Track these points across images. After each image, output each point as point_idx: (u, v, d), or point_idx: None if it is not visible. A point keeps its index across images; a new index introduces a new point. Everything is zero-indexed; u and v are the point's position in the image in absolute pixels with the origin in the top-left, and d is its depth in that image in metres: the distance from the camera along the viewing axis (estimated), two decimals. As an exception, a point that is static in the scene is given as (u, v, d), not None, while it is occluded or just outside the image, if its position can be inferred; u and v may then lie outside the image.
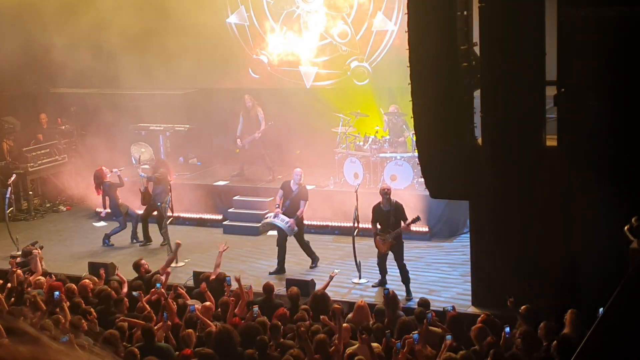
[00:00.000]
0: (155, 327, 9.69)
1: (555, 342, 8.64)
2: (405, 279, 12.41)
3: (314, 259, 13.76)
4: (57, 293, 10.57)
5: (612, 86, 9.50)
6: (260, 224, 14.40)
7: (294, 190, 13.75)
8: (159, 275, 11.74)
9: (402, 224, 12.40)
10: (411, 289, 12.37)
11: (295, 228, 13.52)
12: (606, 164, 9.87)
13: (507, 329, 9.17)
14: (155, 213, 15.46)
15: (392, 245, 12.48)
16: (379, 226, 12.62)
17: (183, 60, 18.07)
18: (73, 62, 17.94)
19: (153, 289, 11.13)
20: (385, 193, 12.55)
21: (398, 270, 12.46)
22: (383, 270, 12.80)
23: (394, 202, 12.57)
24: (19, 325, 1.92)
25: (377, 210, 12.66)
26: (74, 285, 11.56)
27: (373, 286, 12.87)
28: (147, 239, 15.59)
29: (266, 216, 14.11)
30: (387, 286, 12.53)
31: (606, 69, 9.48)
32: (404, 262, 12.50)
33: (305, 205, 13.68)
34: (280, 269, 13.63)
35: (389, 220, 12.47)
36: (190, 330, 9.73)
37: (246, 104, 16.79)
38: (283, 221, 13.51)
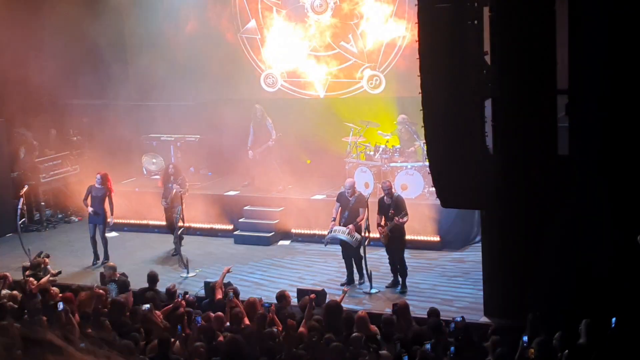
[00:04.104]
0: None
1: (567, 351, 8.60)
2: (402, 273, 13.00)
3: (361, 276, 13.32)
4: (61, 304, 10.54)
5: (623, 95, 9.49)
6: (325, 240, 13.88)
7: (351, 200, 13.43)
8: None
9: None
10: (420, 296, 12.60)
11: (356, 234, 13.15)
12: (618, 172, 9.85)
13: (525, 338, 9.11)
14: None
15: (391, 238, 12.92)
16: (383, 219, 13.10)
17: (194, 71, 18.14)
18: (84, 74, 18.06)
19: (177, 300, 11.14)
20: (384, 189, 13.18)
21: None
22: (394, 270, 13.15)
23: (395, 197, 13.12)
24: (47, 336, 1.95)
25: (380, 202, 13.23)
26: (84, 296, 11.62)
27: (386, 287, 13.10)
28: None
29: (329, 232, 13.53)
30: (397, 290, 12.95)
31: (618, 78, 9.47)
32: (404, 256, 13.02)
33: (365, 213, 13.30)
34: (350, 280, 13.43)
35: (388, 213, 12.98)
36: (199, 343, 9.71)
37: (256, 114, 16.81)
38: (344, 233, 13.19)
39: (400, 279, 13.04)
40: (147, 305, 10.95)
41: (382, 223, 13.03)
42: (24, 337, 2.19)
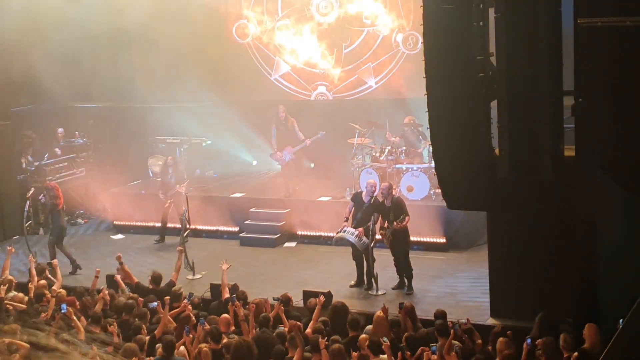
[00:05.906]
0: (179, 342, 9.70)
1: (575, 354, 8.57)
2: (407, 274, 12.99)
3: (369, 281, 13.16)
4: (64, 306, 10.55)
5: (629, 96, 9.44)
6: (333, 240, 13.86)
7: (367, 202, 13.19)
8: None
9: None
10: (427, 298, 12.61)
11: (364, 239, 12.97)
12: (624, 174, 9.80)
13: (529, 340, 9.10)
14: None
15: (394, 241, 12.90)
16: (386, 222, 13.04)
17: (199, 74, 18.16)
18: (91, 76, 18.10)
19: (184, 302, 11.16)
20: (383, 192, 13.00)
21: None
22: (399, 272, 13.15)
23: (395, 199, 13.03)
24: (50, 342, 1.95)
25: (382, 206, 13.09)
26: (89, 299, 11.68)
27: (393, 288, 13.07)
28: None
29: (338, 231, 13.38)
30: (403, 291, 12.94)
31: (624, 80, 9.43)
32: (408, 258, 12.98)
33: (379, 218, 13.11)
34: (359, 282, 13.32)
35: (389, 217, 12.89)
36: (203, 345, 9.70)
37: (279, 115, 16.61)
38: (353, 235, 13.01)
39: (406, 281, 13.02)
40: (155, 303, 11.01)
41: (385, 226, 13.00)
42: (28, 342, 2.20)
